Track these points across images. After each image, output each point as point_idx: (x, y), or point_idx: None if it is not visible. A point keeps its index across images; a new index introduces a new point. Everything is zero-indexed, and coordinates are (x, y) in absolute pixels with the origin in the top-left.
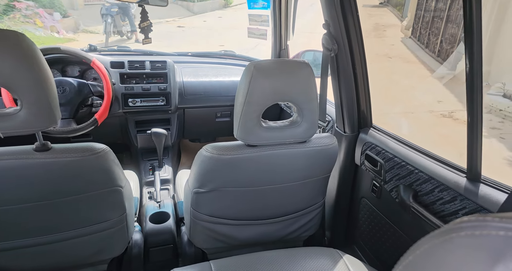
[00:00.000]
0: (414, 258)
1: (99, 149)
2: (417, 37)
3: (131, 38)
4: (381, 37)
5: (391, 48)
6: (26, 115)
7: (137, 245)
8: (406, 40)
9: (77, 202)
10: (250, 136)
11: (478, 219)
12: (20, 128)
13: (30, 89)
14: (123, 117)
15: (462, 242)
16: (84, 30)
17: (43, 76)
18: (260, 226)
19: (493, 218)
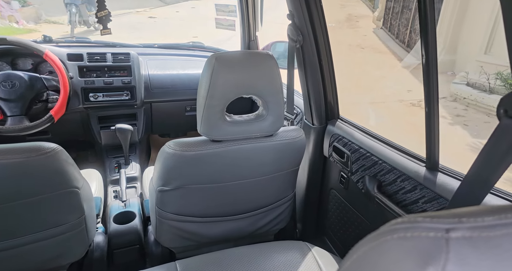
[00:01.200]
0: (351, 263)
1: (49, 149)
2: (388, 28)
3: (98, 29)
4: (354, 28)
5: (364, 39)
6: None
7: (99, 248)
8: (377, 30)
9: (28, 206)
10: (214, 131)
11: (410, 220)
12: None
13: None
14: (85, 113)
15: (395, 244)
16: (47, 21)
17: None
18: (229, 222)
19: (423, 219)
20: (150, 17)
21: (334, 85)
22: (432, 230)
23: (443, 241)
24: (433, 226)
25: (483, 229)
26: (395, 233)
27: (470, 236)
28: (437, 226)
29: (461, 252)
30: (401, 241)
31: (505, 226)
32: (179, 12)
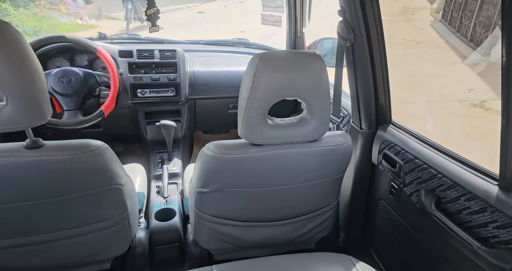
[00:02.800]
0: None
1: (95, 146)
2: (448, 21)
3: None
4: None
5: (420, 33)
6: (11, 111)
7: (141, 244)
8: (436, 24)
9: (74, 201)
10: (255, 134)
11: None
12: (6, 125)
13: (15, 83)
14: (133, 108)
15: None
16: (106, 17)
17: (30, 69)
18: (268, 227)
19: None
20: (199, 12)
21: (387, 87)
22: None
23: None
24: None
25: None
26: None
27: None
28: None
29: None
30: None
31: None
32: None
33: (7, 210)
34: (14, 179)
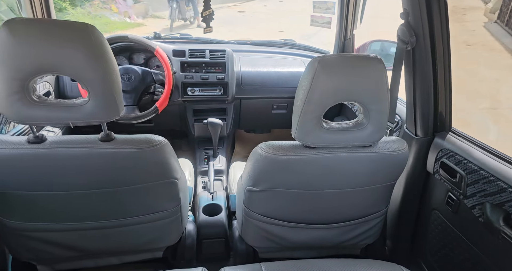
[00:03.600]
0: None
1: (157, 142)
2: (505, 22)
3: (193, 23)
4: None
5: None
6: (93, 106)
7: (191, 236)
8: (490, 25)
9: (135, 192)
10: (309, 137)
11: None
12: (87, 119)
13: (98, 81)
14: (182, 105)
15: None
16: (152, 16)
17: (110, 69)
18: (315, 230)
19: None
20: (239, 11)
21: (449, 94)
22: None
23: None
24: None
25: None
26: None
27: None
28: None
29: None
30: None
31: None
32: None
33: (80, 196)
34: (88, 168)
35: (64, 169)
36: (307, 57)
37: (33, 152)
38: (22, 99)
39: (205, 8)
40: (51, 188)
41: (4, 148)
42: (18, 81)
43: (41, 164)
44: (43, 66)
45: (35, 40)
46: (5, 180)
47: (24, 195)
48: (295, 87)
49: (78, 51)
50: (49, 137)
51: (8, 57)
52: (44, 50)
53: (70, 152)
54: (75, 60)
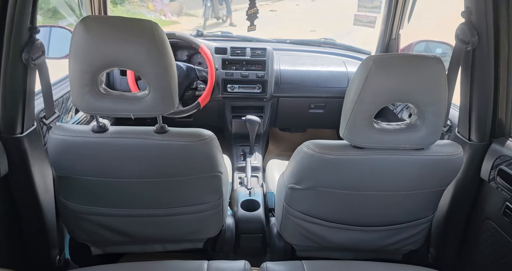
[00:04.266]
0: None
1: (207, 136)
2: None
3: (226, 21)
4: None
5: None
6: (152, 100)
7: (230, 229)
8: None
9: (182, 183)
10: (359, 137)
11: None
12: (146, 111)
13: (158, 76)
14: (221, 102)
15: None
16: (186, 14)
17: (169, 64)
18: (356, 232)
19: None
20: (271, 10)
21: (511, 98)
22: None
23: None
24: None
25: None
26: None
27: None
28: None
29: None
30: None
31: None
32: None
33: (133, 184)
34: (143, 158)
35: (122, 157)
36: (347, 57)
37: (96, 140)
38: (91, 91)
39: (250, 6)
40: (109, 175)
41: (72, 136)
42: (88, 74)
43: (103, 152)
44: (111, 61)
45: (106, 36)
46: (70, 165)
47: (85, 180)
48: (334, 87)
49: (143, 47)
50: (110, 127)
51: (83, 52)
52: (114, 45)
53: (128, 141)
54: (139, 55)
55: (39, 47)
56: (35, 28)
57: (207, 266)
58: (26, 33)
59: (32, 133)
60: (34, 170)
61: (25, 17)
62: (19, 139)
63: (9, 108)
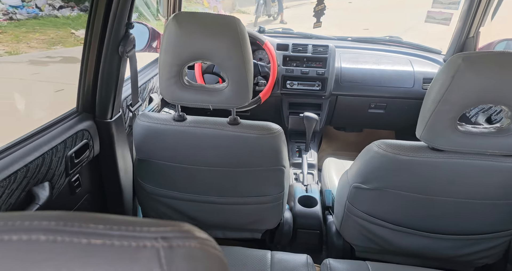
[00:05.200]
0: None
1: (275, 129)
2: None
3: (276, 19)
4: None
5: None
6: (229, 92)
7: (288, 223)
8: None
9: (248, 174)
10: (439, 139)
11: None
12: (223, 103)
13: (237, 69)
14: (279, 98)
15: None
16: (238, 11)
17: (248, 59)
18: (425, 238)
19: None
20: None
21: None
22: None
23: None
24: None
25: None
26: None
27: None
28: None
29: None
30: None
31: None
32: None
33: (204, 171)
34: (215, 147)
35: (196, 145)
36: (415, 56)
37: (176, 128)
38: (177, 83)
39: (318, 3)
40: (183, 161)
41: (155, 123)
42: (176, 67)
43: (180, 139)
44: (197, 54)
45: (195, 30)
46: (151, 150)
47: (161, 164)
48: (399, 87)
49: (226, 41)
50: (187, 116)
51: (174, 45)
52: (201, 39)
53: (204, 131)
54: (223, 49)
55: (132, 41)
56: (131, 24)
57: (271, 256)
58: (123, 28)
59: (118, 119)
60: (118, 152)
61: (125, 14)
62: (109, 124)
63: (104, 96)
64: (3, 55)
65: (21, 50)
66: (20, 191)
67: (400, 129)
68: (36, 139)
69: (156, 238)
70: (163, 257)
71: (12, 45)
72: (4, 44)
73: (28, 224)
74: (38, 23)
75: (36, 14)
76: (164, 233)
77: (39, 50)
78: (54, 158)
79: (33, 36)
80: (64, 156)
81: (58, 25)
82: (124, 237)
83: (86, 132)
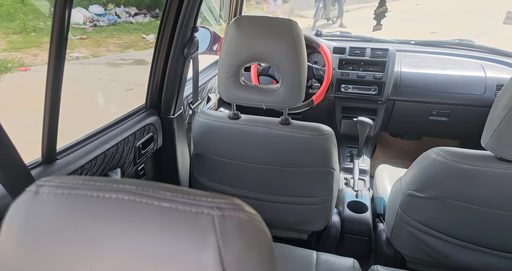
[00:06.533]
0: None
1: (326, 131)
2: None
3: (335, 22)
4: None
5: None
6: (283, 93)
7: (335, 227)
8: None
9: (297, 174)
10: (509, 148)
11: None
12: (276, 103)
13: (291, 71)
14: (332, 101)
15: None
16: (296, 15)
17: (302, 61)
18: (488, 255)
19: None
20: None
21: None
22: None
23: None
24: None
25: None
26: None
27: None
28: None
29: None
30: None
31: None
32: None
33: (255, 169)
34: (267, 145)
35: (249, 143)
36: (488, 61)
37: (231, 125)
38: (234, 82)
39: (380, 5)
40: (236, 157)
41: (213, 120)
42: (234, 67)
43: (234, 136)
44: (254, 56)
45: (254, 33)
46: (207, 145)
47: (215, 159)
48: (466, 94)
49: (283, 44)
50: (242, 115)
51: (234, 47)
52: (258, 41)
53: (257, 129)
54: (280, 51)
55: (195, 43)
56: (196, 28)
57: (317, 256)
58: (189, 32)
59: (179, 116)
60: (178, 146)
61: (191, 19)
62: (172, 120)
63: (169, 94)
64: (88, 57)
65: (100, 54)
66: (98, 174)
67: (466, 139)
68: (111, 130)
69: (212, 207)
70: (217, 223)
71: (94, 49)
72: (88, 48)
73: (116, 187)
74: (116, 29)
75: (115, 21)
76: (218, 204)
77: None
78: (126, 148)
79: (110, 41)
80: (134, 146)
81: (131, 30)
82: (187, 203)
83: (152, 126)
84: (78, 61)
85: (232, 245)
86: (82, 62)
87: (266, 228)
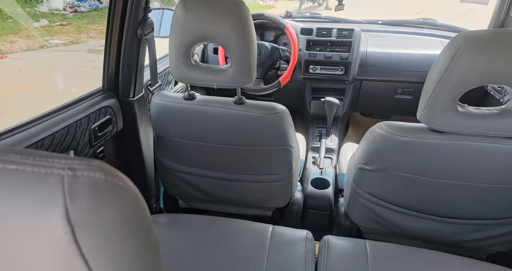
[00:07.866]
0: None
1: (279, 110)
2: None
3: (322, 5)
4: None
5: None
6: (233, 72)
7: (297, 203)
8: None
9: (254, 153)
10: (439, 120)
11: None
12: (227, 82)
13: (239, 50)
14: (302, 83)
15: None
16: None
17: (250, 40)
18: (431, 221)
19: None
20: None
21: None
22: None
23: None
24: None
25: None
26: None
27: None
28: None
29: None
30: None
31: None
32: None
33: (213, 148)
34: (223, 125)
35: (205, 123)
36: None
37: (185, 106)
38: (184, 63)
39: None
40: (194, 138)
41: (168, 101)
42: (183, 47)
43: (190, 116)
44: (202, 36)
45: (200, 13)
46: (166, 126)
47: (176, 141)
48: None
49: (228, 23)
50: (198, 95)
51: (181, 28)
52: (205, 21)
53: (211, 109)
54: (225, 30)
55: (150, 24)
56: (148, 8)
57: (272, 229)
58: (141, 12)
59: (140, 98)
60: (140, 129)
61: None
62: (131, 102)
63: (126, 76)
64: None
65: (81, 40)
66: None
67: None
68: (62, 112)
69: (64, 168)
70: (66, 182)
71: (75, 35)
72: (68, 35)
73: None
74: (98, 15)
75: (96, 6)
76: (72, 165)
77: (96, 39)
78: (78, 130)
79: (92, 27)
80: (88, 129)
81: None
82: (36, 165)
83: (109, 109)
84: (58, 49)
85: (81, 202)
86: (61, 49)
87: (134, 189)
